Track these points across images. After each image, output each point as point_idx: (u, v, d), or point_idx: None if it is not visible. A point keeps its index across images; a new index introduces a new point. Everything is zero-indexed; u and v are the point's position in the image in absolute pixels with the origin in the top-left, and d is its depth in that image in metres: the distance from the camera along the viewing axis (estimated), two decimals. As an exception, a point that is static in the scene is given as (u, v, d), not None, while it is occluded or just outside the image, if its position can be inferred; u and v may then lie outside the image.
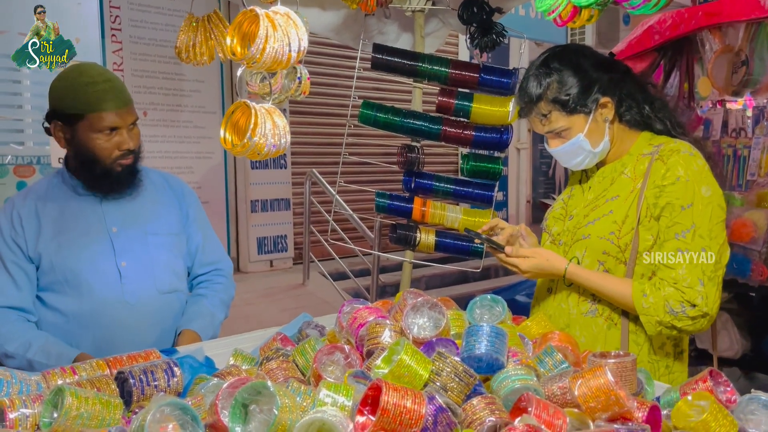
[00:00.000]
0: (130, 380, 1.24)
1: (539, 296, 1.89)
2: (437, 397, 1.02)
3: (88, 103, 1.81)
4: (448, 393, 1.10)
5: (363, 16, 2.68)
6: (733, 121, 4.63)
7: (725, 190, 1.69)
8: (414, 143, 2.70)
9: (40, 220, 1.89)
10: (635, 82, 1.77)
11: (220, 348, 1.71)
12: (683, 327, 1.58)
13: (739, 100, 4.74)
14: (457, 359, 1.14)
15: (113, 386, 1.24)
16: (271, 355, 1.41)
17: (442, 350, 1.16)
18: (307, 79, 1.80)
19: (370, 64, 2.58)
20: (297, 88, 1.81)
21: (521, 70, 2.03)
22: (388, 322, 1.35)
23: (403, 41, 2.92)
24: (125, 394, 1.23)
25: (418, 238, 2.63)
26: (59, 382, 1.26)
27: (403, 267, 2.96)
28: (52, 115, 1.87)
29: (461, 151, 2.76)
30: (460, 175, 2.75)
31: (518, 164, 8.74)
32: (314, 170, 5.60)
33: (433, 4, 2.76)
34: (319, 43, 6.05)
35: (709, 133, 4.60)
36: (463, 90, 2.60)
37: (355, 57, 2.67)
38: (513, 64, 6.52)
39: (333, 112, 6.55)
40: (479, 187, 2.63)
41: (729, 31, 3.96)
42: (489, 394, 1.15)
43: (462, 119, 2.60)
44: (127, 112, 1.88)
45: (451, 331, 1.39)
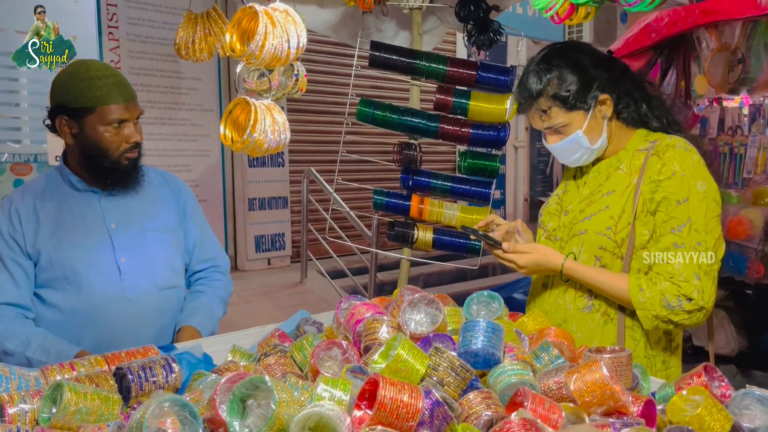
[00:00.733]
0: (129, 376, 1.24)
1: (535, 292, 1.90)
2: (434, 392, 1.02)
3: (98, 96, 1.83)
4: (445, 388, 1.11)
5: (360, 14, 2.69)
6: (730, 119, 4.65)
7: (721, 188, 1.69)
8: (412, 140, 2.70)
9: (39, 217, 1.90)
10: (633, 80, 1.78)
11: (218, 345, 1.71)
12: (680, 321, 1.59)
13: (736, 98, 4.76)
14: (454, 354, 1.15)
15: (112, 382, 1.24)
16: (269, 351, 1.42)
17: (439, 345, 1.16)
18: (304, 76, 1.80)
19: (368, 62, 2.59)
20: (294, 86, 1.81)
21: (519, 68, 2.03)
22: (386, 318, 1.36)
23: (400, 39, 2.92)
24: (123, 389, 1.24)
25: (415, 236, 2.64)
26: (58, 377, 1.26)
27: (401, 264, 2.96)
28: (58, 111, 1.88)
29: (459, 149, 2.77)
30: (458, 172, 2.76)
31: (516, 162, 8.75)
32: (312, 168, 5.61)
33: (430, 2, 2.77)
34: (316, 41, 6.05)
35: (705, 131, 4.62)
36: (460, 88, 2.60)
37: (352, 55, 2.68)
38: (510, 62, 6.52)
39: (330, 110, 6.55)
40: (477, 185, 2.64)
41: (725, 30, 3.97)
42: (485, 388, 1.15)
43: (459, 117, 2.60)
44: (134, 106, 1.91)
45: (448, 327, 1.39)
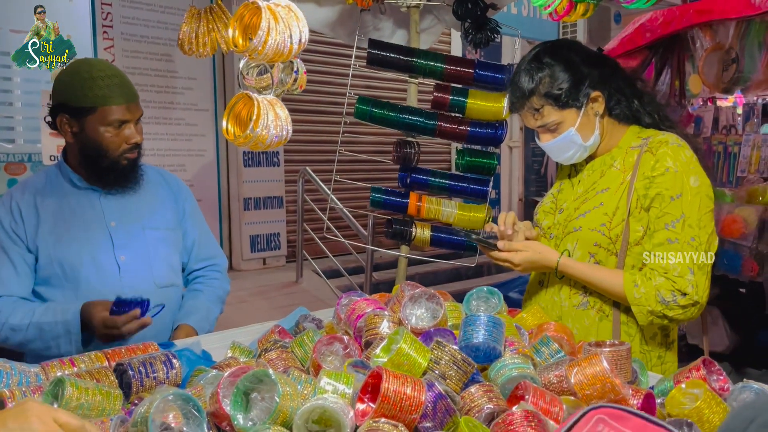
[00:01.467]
0: (129, 372, 1.24)
1: (531, 290, 1.91)
2: (437, 384, 1.03)
3: (101, 96, 1.83)
4: (447, 381, 1.11)
5: (358, 12, 2.69)
6: (724, 119, 4.67)
7: (716, 187, 1.71)
8: (409, 138, 2.71)
9: (39, 213, 1.89)
10: (624, 77, 1.79)
11: (217, 342, 1.71)
12: (674, 316, 1.60)
13: (730, 98, 4.79)
14: (456, 348, 1.15)
15: (112, 378, 1.24)
16: (270, 347, 1.42)
17: (441, 339, 1.17)
18: (304, 73, 1.80)
19: (366, 60, 2.59)
20: (294, 83, 1.81)
21: (515, 67, 2.04)
22: (386, 313, 1.36)
23: (398, 37, 2.93)
24: (124, 385, 1.24)
25: (413, 233, 2.65)
26: (59, 373, 1.26)
27: (399, 262, 2.97)
28: (59, 109, 1.88)
29: (456, 147, 2.78)
30: (455, 170, 2.76)
31: (510, 162, 8.77)
32: (307, 168, 5.60)
33: (428, 0, 2.77)
34: (313, 40, 6.03)
35: (699, 130, 4.65)
36: (458, 86, 2.61)
37: (349, 54, 2.68)
38: (505, 61, 6.54)
39: (326, 110, 6.55)
40: (474, 182, 2.65)
41: (719, 29, 3.99)
42: (486, 382, 1.16)
43: (457, 115, 2.61)
44: (136, 107, 1.91)
45: (449, 323, 1.40)
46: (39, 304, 1.85)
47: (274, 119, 1.40)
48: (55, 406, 1.09)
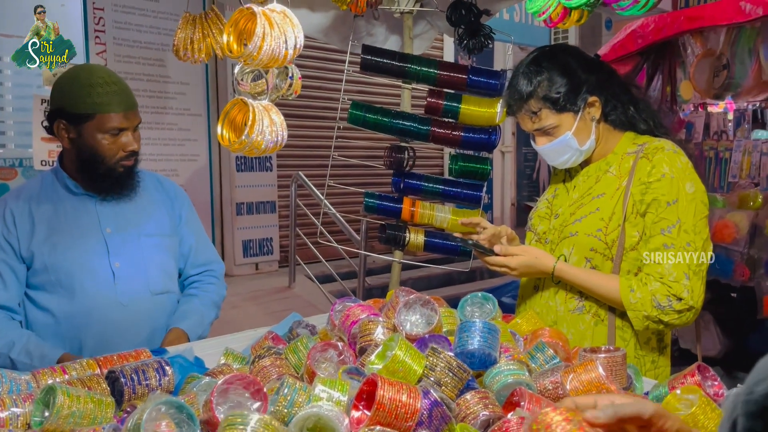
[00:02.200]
0: (122, 379, 1.23)
1: (525, 294, 1.90)
2: (432, 392, 1.02)
3: (99, 103, 1.82)
4: (442, 388, 1.11)
5: (352, 18, 2.69)
6: (715, 124, 4.70)
7: (707, 192, 1.72)
8: (403, 144, 2.71)
9: (34, 219, 1.88)
10: (620, 83, 1.80)
11: (210, 348, 1.70)
12: (670, 321, 1.60)
13: (721, 104, 4.82)
14: (451, 354, 1.15)
15: (104, 385, 1.23)
16: (263, 354, 1.41)
17: (436, 346, 1.16)
18: (299, 78, 1.80)
19: (360, 65, 2.59)
20: (288, 88, 1.80)
21: (508, 72, 2.04)
22: (381, 319, 1.36)
23: (391, 43, 2.93)
24: (116, 393, 1.23)
25: (407, 238, 2.64)
26: (50, 381, 1.25)
27: (392, 268, 2.96)
28: (57, 114, 1.86)
29: (449, 152, 2.78)
30: (448, 175, 2.76)
31: (503, 167, 8.79)
32: (300, 173, 5.59)
33: (421, 6, 2.78)
34: (305, 46, 6.03)
35: (691, 136, 4.67)
36: (451, 91, 2.61)
37: (342, 59, 2.68)
38: (497, 67, 6.56)
39: (319, 115, 6.55)
40: (467, 188, 2.65)
41: (710, 36, 4.03)
42: (482, 388, 1.15)
43: (450, 120, 2.61)
44: (134, 115, 1.90)
45: (443, 329, 1.39)
46: (21, 336, 1.81)
47: (269, 125, 1.39)
48: (46, 414, 1.08)
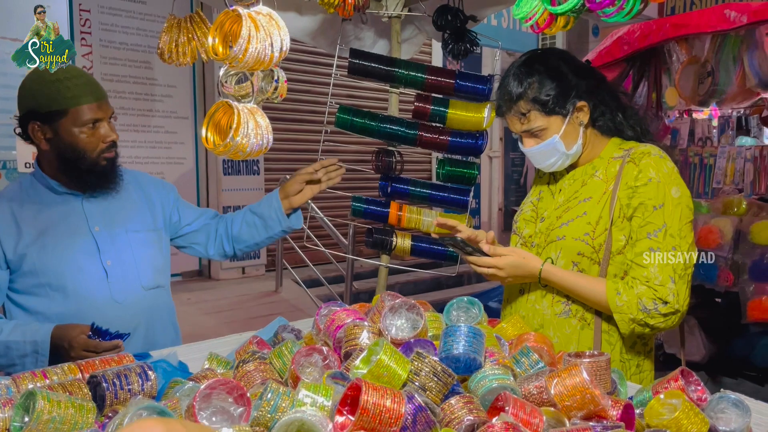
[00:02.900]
0: (103, 384, 1.21)
1: (510, 298, 1.90)
2: (416, 397, 1.02)
3: (70, 97, 1.79)
4: (427, 393, 1.10)
5: (340, 21, 2.69)
6: (700, 131, 4.76)
7: (692, 198, 1.73)
8: (390, 148, 2.71)
9: (19, 223, 1.84)
10: (609, 90, 1.81)
11: (194, 353, 1.69)
12: (655, 324, 1.61)
13: (705, 110, 4.87)
14: (436, 359, 1.14)
15: (86, 390, 1.21)
16: (248, 358, 1.40)
17: (421, 350, 1.16)
18: (285, 82, 1.79)
19: (347, 69, 2.59)
20: (274, 92, 1.80)
21: (496, 78, 2.05)
22: (366, 323, 1.35)
23: (379, 47, 2.93)
24: (98, 398, 1.21)
25: (394, 242, 2.64)
26: (30, 386, 1.23)
27: (379, 272, 2.95)
28: (29, 117, 1.83)
29: (437, 157, 2.78)
30: (435, 180, 2.77)
31: (490, 172, 8.83)
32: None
33: (409, 11, 2.78)
34: (293, 49, 6.03)
35: (676, 142, 4.72)
36: (439, 96, 2.62)
37: (329, 63, 2.68)
38: (485, 72, 6.59)
39: (306, 119, 6.54)
40: (455, 192, 2.65)
41: (695, 43, 4.07)
42: (467, 393, 1.15)
43: (438, 125, 2.62)
44: (107, 105, 1.87)
45: (429, 333, 1.39)
46: (7, 322, 1.79)
47: (254, 128, 1.38)
48: (26, 419, 1.06)
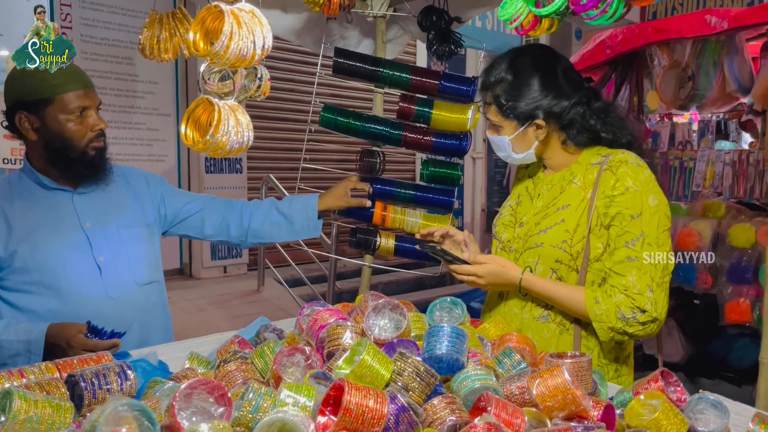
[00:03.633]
0: (81, 383, 1.20)
1: (491, 303, 1.91)
2: (399, 397, 1.02)
3: (56, 85, 1.77)
4: (410, 393, 1.10)
5: (325, 20, 2.68)
6: (680, 134, 4.82)
7: (671, 201, 1.75)
8: (375, 148, 2.70)
9: (9, 219, 1.81)
10: (598, 109, 1.76)
11: (175, 352, 1.67)
12: (634, 332, 1.63)
13: (686, 114, 4.94)
14: (419, 359, 1.14)
15: (63, 389, 1.19)
16: (229, 358, 1.39)
17: (404, 351, 1.16)
18: (268, 80, 1.78)
19: (332, 68, 2.58)
20: (257, 90, 1.78)
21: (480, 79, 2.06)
22: (349, 323, 1.35)
23: (364, 46, 2.93)
24: (76, 397, 1.19)
25: (378, 243, 2.64)
26: (6, 385, 1.21)
27: (363, 272, 2.95)
28: (15, 107, 1.80)
29: (421, 158, 2.78)
30: (419, 180, 2.77)
31: (473, 173, 8.86)
32: (271, 175, 5.56)
33: (394, 11, 2.78)
34: (278, 47, 6.01)
35: (657, 145, 4.77)
36: (423, 96, 2.62)
37: (314, 62, 2.67)
38: (469, 73, 6.61)
39: (290, 117, 6.51)
40: (439, 193, 2.66)
41: (677, 48, 4.13)
42: (449, 393, 1.15)
43: (422, 125, 2.62)
44: (93, 93, 1.86)
45: (412, 333, 1.39)
46: None
47: (235, 125, 1.37)
48: (2, 419, 1.04)
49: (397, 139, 2.62)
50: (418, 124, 2.63)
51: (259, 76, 1.75)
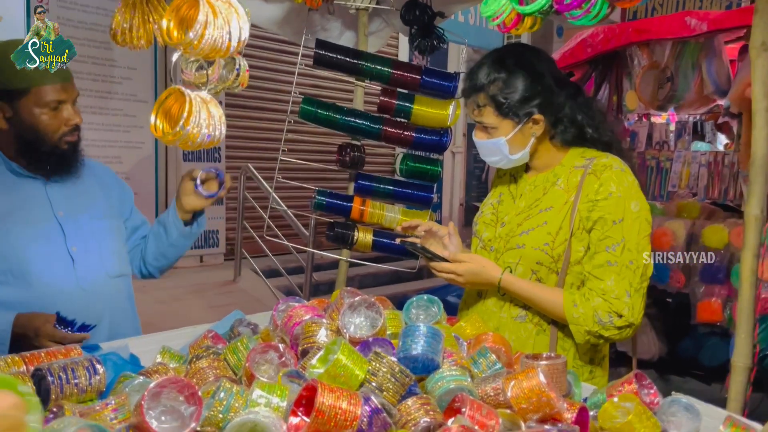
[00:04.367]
0: (48, 378, 1.17)
1: (469, 300, 1.90)
2: (373, 398, 1.01)
3: (32, 76, 1.72)
4: (384, 393, 1.09)
5: (306, 11, 2.65)
6: (657, 135, 4.87)
7: (647, 200, 1.76)
8: (354, 142, 2.68)
9: None
10: (582, 105, 1.78)
11: (147, 345, 1.64)
12: (610, 336, 1.64)
13: (663, 115, 4.99)
14: (394, 359, 1.13)
15: (29, 384, 1.17)
16: (201, 353, 1.37)
17: (379, 350, 1.15)
18: (246, 71, 1.74)
19: (313, 60, 2.55)
20: (235, 80, 1.75)
21: (462, 75, 2.05)
22: (324, 320, 1.34)
23: (345, 39, 2.89)
24: (42, 392, 1.16)
25: (355, 237, 2.62)
26: (-31, 379, 1.17)
27: (339, 265, 2.93)
28: None
29: (398, 152, 2.77)
30: (396, 175, 2.76)
31: (453, 167, 8.88)
32: (249, 165, 5.50)
33: (377, 3, 2.76)
34: (259, 36, 5.94)
35: (634, 145, 4.82)
36: (404, 91, 2.60)
37: (296, 52, 2.63)
38: (451, 68, 6.60)
39: (270, 107, 6.45)
40: (418, 189, 2.65)
41: (656, 48, 4.16)
42: (424, 394, 1.15)
43: (403, 120, 2.60)
44: (71, 87, 1.81)
45: (388, 331, 1.38)
46: None
47: (207, 118, 1.34)
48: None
49: (377, 134, 2.60)
50: (399, 119, 2.61)
51: (237, 67, 1.71)
